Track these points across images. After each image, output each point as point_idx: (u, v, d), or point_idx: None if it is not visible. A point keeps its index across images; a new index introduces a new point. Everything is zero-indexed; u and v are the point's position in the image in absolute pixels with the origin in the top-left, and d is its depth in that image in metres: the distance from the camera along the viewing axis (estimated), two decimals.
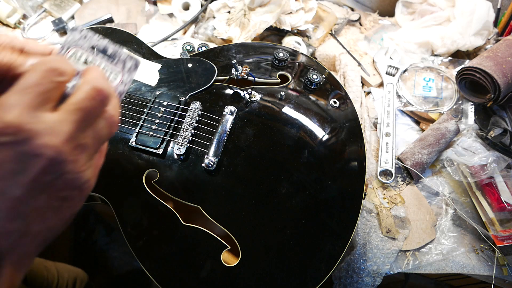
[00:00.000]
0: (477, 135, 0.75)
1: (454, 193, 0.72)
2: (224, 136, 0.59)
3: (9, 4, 0.89)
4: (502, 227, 0.66)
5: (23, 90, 0.25)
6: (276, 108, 0.65)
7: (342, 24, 0.98)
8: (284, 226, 0.55)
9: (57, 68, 0.27)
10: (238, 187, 0.57)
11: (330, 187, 0.59)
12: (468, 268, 0.65)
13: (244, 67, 0.66)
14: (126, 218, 0.55)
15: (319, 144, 0.62)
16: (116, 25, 0.92)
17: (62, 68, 0.28)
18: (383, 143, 0.75)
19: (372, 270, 0.64)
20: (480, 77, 0.76)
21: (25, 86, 0.25)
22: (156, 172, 0.57)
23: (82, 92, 0.28)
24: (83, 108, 0.28)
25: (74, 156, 0.27)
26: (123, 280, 1.28)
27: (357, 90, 0.83)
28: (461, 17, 0.87)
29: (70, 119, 0.27)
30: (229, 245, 0.53)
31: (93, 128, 0.29)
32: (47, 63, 0.27)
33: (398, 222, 0.68)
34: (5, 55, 0.32)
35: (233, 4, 0.89)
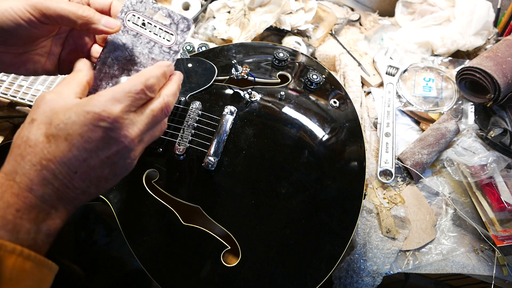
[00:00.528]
0: (477, 135, 0.75)
1: (454, 193, 0.72)
2: (224, 136, 0.59)
3: None
4: (502, 227, 0.67)
5: (127, 93, 0.35)
6: (276, 108, 0.65)
7: (342, 24, 0.98)
8: (284, 226, 0.55)
9: (151, 86, 0.37)
10: (238, 187, 0.57)
11: (330, 187, 0.59)
12: (468, 268, 0.65)
13: (244, 67, 0.66)
14: (126, 218, 0.55)
15: (319, 144, 0.62)
16: None
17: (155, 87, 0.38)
18: (383, 143, 0.75)
19: (372, 270, 0.64)
20: (480, 77, 0.76)
21: (129, 91, 0.36)
22: (156, 172, 0.57)
23: (159, 103, 0.39)
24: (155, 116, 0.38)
25: (137, 147, 0.38)
26: (123, 280, 1.28)
27: (357, 90, 0.83)
28: (461, 17, 0.87)
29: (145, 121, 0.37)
30: (229, 245, 0.53)
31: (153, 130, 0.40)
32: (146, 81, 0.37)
33: (398, 222, 0.68)
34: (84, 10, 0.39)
35: (233, 4, 0.89)
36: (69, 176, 0.34)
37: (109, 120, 0.34)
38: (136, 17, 0.43)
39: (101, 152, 0.35)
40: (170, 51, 0.44)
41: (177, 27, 0.44)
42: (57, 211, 0.35)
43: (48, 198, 0.34)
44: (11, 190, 0.33)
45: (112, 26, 0.40)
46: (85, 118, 0.33)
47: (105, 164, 0.36)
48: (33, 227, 0.33)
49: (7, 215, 0.32)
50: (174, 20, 0.43)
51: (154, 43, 0.43)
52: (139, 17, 0.43)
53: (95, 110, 0.34)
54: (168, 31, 0.43)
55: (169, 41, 0.44)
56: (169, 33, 0.44)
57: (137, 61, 0.44)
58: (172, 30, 0.43)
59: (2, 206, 0.32)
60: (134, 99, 0.36)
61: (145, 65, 0.44)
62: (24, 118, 0.75)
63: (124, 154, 0.37)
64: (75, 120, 0.33)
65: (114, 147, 0.35)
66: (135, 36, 0.43)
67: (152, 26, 0.43)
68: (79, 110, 0.34)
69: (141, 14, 0.43)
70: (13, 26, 0.37)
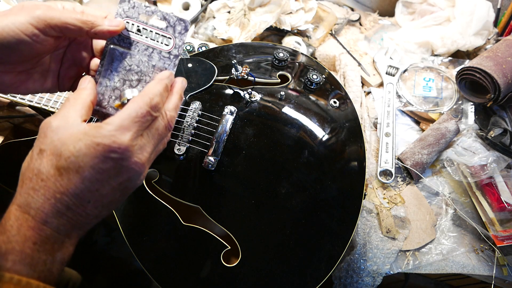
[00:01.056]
0: (477, 135, 0.75)
1: (454, 193, 0.72)
2: (224, 136, 0.59)
3: (9, 4, 0.89)
4: (502, 227, 0.66)
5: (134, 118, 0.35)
6: (276, 108, 0.65)
7: (342, 24, 0.98)
8: (284, 226, 0.55)
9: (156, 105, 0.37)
10: (238, 187, 0.57)
11: (330, 187, 0.59)
12: (468, 268, 0.65)
13: (244, 67, 0.66)
14: (126, 218, 0.55)
15: (319, 144, 0.62)
16: None
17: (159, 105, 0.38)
18: (383, 143, 0.75)
19: (372, 270, 0.64)
20: (480, 77, 0.76)
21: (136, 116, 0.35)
22: (156, 172, 0.57)
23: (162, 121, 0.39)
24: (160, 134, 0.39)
25: (145, 170, 0.38)
26: (123, 280, 1.28)
27: (357, 90, 0.83)
28: (461, 17, 0.87)
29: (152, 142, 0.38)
30: (229, 245, 0.53)
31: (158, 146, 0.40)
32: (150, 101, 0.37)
33: (398, 222, 0.68)
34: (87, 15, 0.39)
35: (233, 4, 0.89)
36: (82, 206, 0.35)
37: (120, 151, 0.34)
38: (130, 24, 0.41)
39: (113, 181, 0.35)
40: (170, 56, 0.42)
41: (174, 30, 0.42)
42: (70, 239, 0.35)
43: (63, 228, 0.34)
44: (27, 224, 0.33)
45: (117, 23, 0.40)
46: (96, 150, 0.33)
47: (117, 190, 0.36)
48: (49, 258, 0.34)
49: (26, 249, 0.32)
50: (170, 23, 0.41)
51: (153, 49, 0.42)
52: (133, 24, 0.41)
53: (104, 142, 0.33)
54: (165, 35, 0.42)
55: (168, 45, 0.42)
56: (167, 37, 0.42)
57: (137, 70, 0.42)
58: (169, 33, 0.42)
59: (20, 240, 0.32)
60: (141, 123, 0.36)
61: (146, 73, 0.42)
62: (24, 118, 0.75)
63: (135, 178, 0.37)
64: (85, 152, 0.33)
65: (125, 174, 0.36)
66: (132, 44, 0.42)
67: (148, 31, 0.41)
68: (88, 142, 0.33)
69: (135, 20, 0.41)
70: (15, 42, 0.36)
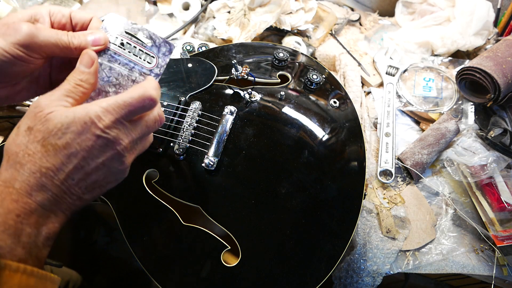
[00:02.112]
0: (477, 135, 0.75)
1: (454, 193, 0.72)
2: (224, 136, 0.59)
3: (9, 4, 0.89)
4: (502, 227, 0.66)
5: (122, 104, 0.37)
6: (276, 108, 0.65)
7: (342, 24, 0.98)
8: (284, 226, 0.55)
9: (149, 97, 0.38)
10: (238, 187, 0.57)
11: (330, 187, 0.59)
12: (468, 268, 0.65)
13: (244, 67, 0.66)
14: (126, 218, 0.55)
15: (319, 144, 0.62)
16: None
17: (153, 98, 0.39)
18: (383, 143, 0.75)
19: (372, 270, 0.64)
20: (480, 77, 0.76)
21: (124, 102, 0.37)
22: (156, 172, 0.57)
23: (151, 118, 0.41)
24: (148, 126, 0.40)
25: (129, 155, 0.40)
26: (123, 280, 1.28)
27: (357, 90, 0.83)
28: (461, 17, 0.87)
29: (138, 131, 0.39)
30: (229, 245, 0.53)
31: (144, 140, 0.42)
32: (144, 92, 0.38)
33: (398, 222, 0.68)
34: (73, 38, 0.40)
35: (233, 4, 0.89)
36: (66, 182, 0.36)
37: (104, 129, 0.36)
38: (114, 37, 0.41)
39: (97, 158, 0.37)
40: (151, 73, 0.42)
41: (159, 50, 0.42)
42: (56, 216, 0.37)
43: (47, 203, 0.35)
44: (11, 197, 0.34)
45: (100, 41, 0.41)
46: (83, 128, 0.35)
47: (100, 169, 0.38)
48: (33, 231, 0.35)
49: (8, 220, 0.33)
50: (156, 43, 0.42)
51: (134, 64, 0.42)
52: (117, 37, 0.41)
53: (91, 120, 0.35)
54: (148, 53, 0.42)
55: (150, 63, 0.42)
56: (150, 55, 0.42)
57: (116, 82, 0.42)
58: (153, 52, 0.42)
59: (3, 212, 0.33)
60: (130, 110, 0.37)
61: (124, 87, 0.42)
62: None
63: (117, 160, 0.38)
64: (73, 129, 0.35)
65: (108, 153, 0.37)
66: (113, 56, 0.42)
67: (131, 46, 0.42)
68: (76, 119, 0.35)
69: (120, 34, 0.41)
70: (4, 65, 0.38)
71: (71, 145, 0.35)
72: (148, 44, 0.42)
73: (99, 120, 0.35)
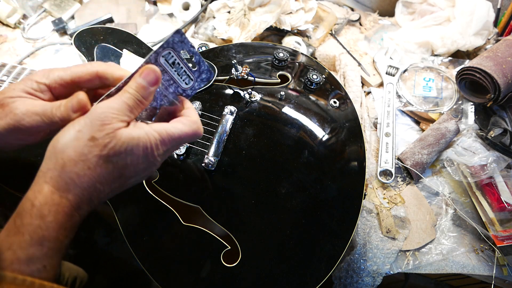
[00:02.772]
0: (477, 135, 0.75)
1: (454, 193, 0.72)
2: (224, 136, 0.59)
3: (9, 4, 0.89)
4: (502, 227, 0.66)
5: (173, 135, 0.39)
6: (276, 108, 0.65)
7: (342, 24, 0.98)
8: (284, 226, 0.55)
9: None
10: (238, 187, 0.57)
11: (330, 187, 0.59)
12: (468, 268, 0.65)
13: (244, 67, 0.66)
14: (126, 218, 0.55)
15: (319, 144, 0.62)
16: (116, 25, 0.92)
17: None
18: (383, 143, 0.75)
19: (372, 270, 0.64)
20: (480, 77, 0.76)
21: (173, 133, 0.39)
22: (156, 172, 0.57)
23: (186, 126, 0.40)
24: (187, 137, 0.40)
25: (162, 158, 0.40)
26: (123, 280, 1.28)
27: (357, 90, 0.83)
28: (461, 17, 0.87)
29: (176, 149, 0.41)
30: (229, 245, 0.53)
31: None
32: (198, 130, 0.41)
33: (398, 222, 0.68)
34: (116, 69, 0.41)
35: (233, 4, 0.89)
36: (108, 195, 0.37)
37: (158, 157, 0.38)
38: (171, 55, 0.41)
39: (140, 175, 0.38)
40: (183, 93, 0.44)
41: (200, 75, 0.44)
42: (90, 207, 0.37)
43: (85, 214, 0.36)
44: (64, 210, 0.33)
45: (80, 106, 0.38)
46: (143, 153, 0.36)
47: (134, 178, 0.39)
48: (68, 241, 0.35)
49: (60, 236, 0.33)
50: (200, 68, 0.43)
51: (173, 81, 0.43)
52: (173, 56, 0.41)
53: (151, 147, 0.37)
54: (189, 75, 0.43)
55: (187, 84, 0.44)
56: (190, 78, 0.43)
57: None
58: (194, 76, 0.44)
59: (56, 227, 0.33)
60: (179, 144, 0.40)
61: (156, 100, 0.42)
62: None
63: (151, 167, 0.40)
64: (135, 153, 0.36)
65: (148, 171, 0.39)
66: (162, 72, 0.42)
67: (179, 67, 0.42)
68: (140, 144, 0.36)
69: (176, 54, 0.41)
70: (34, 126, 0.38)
71: (128, 166, 0.36)
72: (194, 68, 0.43)
73: (157, 150, 0.37)
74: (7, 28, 0.91)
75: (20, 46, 0.88)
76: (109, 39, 0.71)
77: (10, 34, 0.90)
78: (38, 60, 0.85)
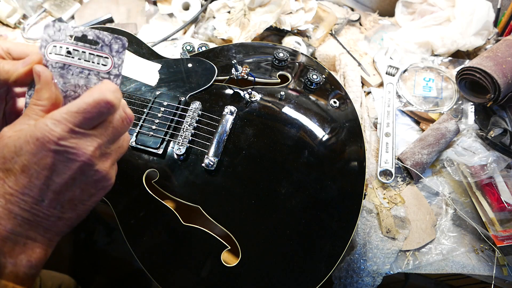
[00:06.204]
0: (477, 135, 0.75)
1: (454, 193, 0.72)
2: (224, 136, 0.59)
3: (9, 4, 0.89)
4: (502, 227, 0.66)
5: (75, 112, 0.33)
6: (276, 108, 0.65)
7: (342, 24, 0.98)
8: (284, 226, 0.55)
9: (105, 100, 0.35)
10: (238, 187, 0.57)
11: (330, 187, 0.59)
12: (468, 268, 0.65)
13: (244, 67, 0.66)
14: (126, 218, 0.55)
15: (319, 144, 0.62)
16: (116, 25, 0.92)
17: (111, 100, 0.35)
18: (383, 143, 0.75)
19: (372, 270, 0.64)
20: (480, 77, 0.76)
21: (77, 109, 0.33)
22: (156, 172, 0.57)
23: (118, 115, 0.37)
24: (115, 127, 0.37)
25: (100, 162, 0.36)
26: (123, 280, 1.28)
27: (357, 90, 0.83)
28: (461, 17, 0.87)
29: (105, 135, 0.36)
30: (229, 245, 0.53)
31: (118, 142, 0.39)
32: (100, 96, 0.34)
33: (398, 222, 0.68)
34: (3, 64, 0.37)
35: (233, 4, 0.89)
36: (36, 205, 0.34)
37: (59, 142, 0.33)
38: (58, 47, 0.37)
39: (63, 174, 0.34)
40: (110, 76, 0.39)
41: (111, 49, 0.38)
42: (34, 241, 0.35)
43: (20, 230, 0.33)
44: None
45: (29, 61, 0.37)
46: (36, 146, 0.32)
47: (71, 185, 0.35)
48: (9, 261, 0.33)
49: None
50: (105, 42, 0.38)
51: (89, 71, 0.38)
52: (61, 46, 0.37)
53: (43, 135, 0.32)
54: (101, 55, 0.38)
55: (106, 65, 0.38)
56: (103, 57, 0.38)
57: (75, 95, 0.39)
58: (106, 52, 0.38)
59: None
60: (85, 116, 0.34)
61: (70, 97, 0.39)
62: None
63: (87, 171, 0.35)
64: (27, 149, 0.33)
65: (73, 165, 0.34)
66: (63, 68, 0.38)
67: (80, 52, 0.38)
68: (28, 138, 0.33)
69: (63, 43, 0.37)
70: None
71: (28, 166, 0.33)
72: (97, 45, 0.38)
73: (52, 133, 0.32)
74: (7, 28, 0.91)
75: None
76: None
77: (10, 34, 0.90)
78: None
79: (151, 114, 0.61)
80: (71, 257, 1.25)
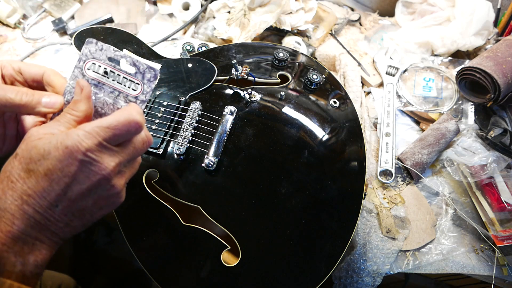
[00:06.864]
0: (477, 135, 0.75)
1: (454, 193, 0.72)
2: (224, 136, 0.59)
3: (9, 4, 0.89)
4: (502, 227, 0.66)
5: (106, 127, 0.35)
6: (276, 108, 0.65)
7: (342, 24, 0.98)
8: (284, 226, 0.55)
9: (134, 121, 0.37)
10: (238, 187, 0.57)
11: (330, 187, 0.59)
12: (468, 268, 0.65)
13: (244, 67, 0.66)
14: (126, 218, 0.55)
15: (319, 144, 0.62)
16: (116, 25, 0.92)
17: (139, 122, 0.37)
18: (383, 143, 0.75)
19: (372, 270, 0.64)
20: (480, 77, 0.76)
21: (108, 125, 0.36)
22: (156, 172, 0.57)
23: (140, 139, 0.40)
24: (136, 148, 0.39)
25: (117, 178, 0.38)
26: (123, 280, 1.28)
27: (357, 90, 0.83)
28: (461, 17, 0.87)
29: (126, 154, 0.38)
30: (229, 245, 0.53)
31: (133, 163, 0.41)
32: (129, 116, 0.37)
33: (398, 222, 0.68)
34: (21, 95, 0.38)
35: (233, 4, 0.89)
36: (50, 209, 0.35)
37: (87, 152, 0.34)
38: (97, 65, 0.40)
39: (82, 184, 0.35)
40: (136, 101, 0.41)
41: (143, 77, 0.40)
42: (42, 243, 0.36)
43: (31, 231, 0.35)
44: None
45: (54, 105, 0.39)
46: (64, 153, 0.34)
47: (87, 196, 0.36)
48: (19, 260, 0.34)
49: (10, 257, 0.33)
50: (140, 70, 0.40)
51: (119, 92, 0.41)
52: (100, 65, 0.40)
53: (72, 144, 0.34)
54: (133, 80, 0.40)
55: (135, 90, 0.41)
56: (135, 82, 0.41)
57: (102, 112, 0.41)
58: (138, 79, 0.40)
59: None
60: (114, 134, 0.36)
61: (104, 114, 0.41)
62: None
63: (104, 185, 0.37)
64: (54, 155, 0.34)
65: (93, 178, 0.36)
66: (97, 86, 0.40)
67: (115, 74, 0.40)
68: (58, 144, 0.34)
69: (103, 62, 0.40)
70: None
71: (52, 171, 0.34)
72: (132, 71, 0.40)
73: (81, 144, 0.34)
74: (7, 28, 0.91)
75: (20, 46, 0.88)
76: (109, 39, 0.71)
77: (10, 34, 0.90)
78: (38, 60, 0.85)
79: (151, 114, 0.61)
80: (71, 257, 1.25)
